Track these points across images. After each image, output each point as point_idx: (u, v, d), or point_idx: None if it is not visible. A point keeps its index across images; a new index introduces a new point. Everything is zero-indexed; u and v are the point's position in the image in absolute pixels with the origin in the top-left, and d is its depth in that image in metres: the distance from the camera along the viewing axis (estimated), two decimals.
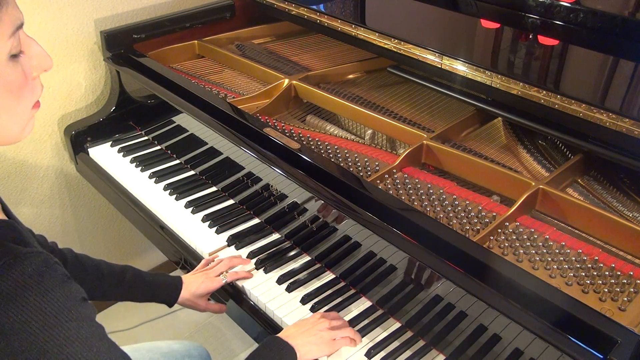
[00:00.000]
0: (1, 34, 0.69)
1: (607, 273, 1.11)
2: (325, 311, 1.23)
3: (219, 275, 1.31)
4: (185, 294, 1.29)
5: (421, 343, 1.17)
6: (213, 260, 1.36)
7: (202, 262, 1.37)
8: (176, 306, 1.36)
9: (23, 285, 0.69)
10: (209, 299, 1.35)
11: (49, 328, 0.71)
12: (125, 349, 0.87)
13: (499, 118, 1.51)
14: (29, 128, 0.80)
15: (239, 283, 1.32)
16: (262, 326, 1.28)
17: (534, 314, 0.93)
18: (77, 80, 1.89)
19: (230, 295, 1.33)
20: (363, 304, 1.26)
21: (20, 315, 0.69)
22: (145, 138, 1.84)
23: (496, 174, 1.32)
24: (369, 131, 1.57)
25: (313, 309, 1.24)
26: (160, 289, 1.29)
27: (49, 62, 0.79)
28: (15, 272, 0.70)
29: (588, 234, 1.21)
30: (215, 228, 1.47)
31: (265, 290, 1.30)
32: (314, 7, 1.78)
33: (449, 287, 1.09)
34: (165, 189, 1.62)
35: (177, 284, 1.29)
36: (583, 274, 1.11)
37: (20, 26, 0.73)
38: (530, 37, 1.54)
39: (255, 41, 2.02)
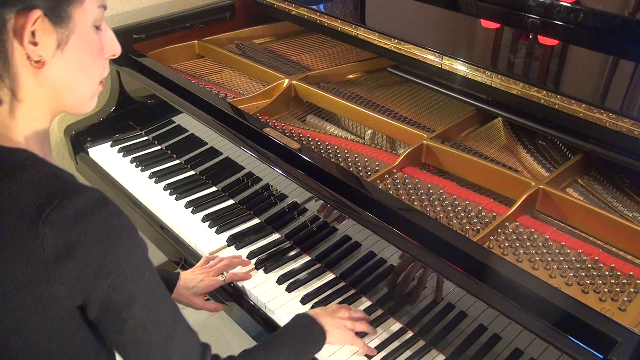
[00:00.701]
0: (92, 3, 0.82)
1: (607, 273, 1.11)
2: None
3: (218, 275, 1.31)
4: (181, 290, 1.27)
5: (421, 343, 1.17)
6: (213, 259, 1.35)
7: (202, 259, 1.36)
8: None
9: (92, 205, 0.76)
10: (208, 299, 1.35)
11: (112, 243, 0.76)
12: None
13: (499, 118, 1.51)
14: (94, 101, 0.88)
15: (239, 283, 1.32)
16: (262, 326, 1.27)
17: (534, 314, 0.93)
18: None
19: (230, 295, 1.33)
20: (363, 304, 1.26)
21: (87, 230, 0.75)
22: (145, 138, 1.84)
23: (496, 174, 1.32)
24: (369, 131, 1.57)
25: (313, 309, 1.24)
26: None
27: (119, 48, 0.89)
28: (85, 195, 0.76)
29: (588, 234, 1.21)
30: (215, 228, 1.47)
31: (265, 290, 1.30)
32: (314, 7, 1.78)
33: (449, 287, 1.09)
34: (165, 189, 1.62)
35: (172, 279, 1.27)
36: (583, 274, 1.11)
37: (104, 7, 0.86)
38: (530, 37, 1.54)
39: (255, 41, 2.02)
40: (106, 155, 1.78)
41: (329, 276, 1.33)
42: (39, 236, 0.73)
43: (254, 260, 1.37)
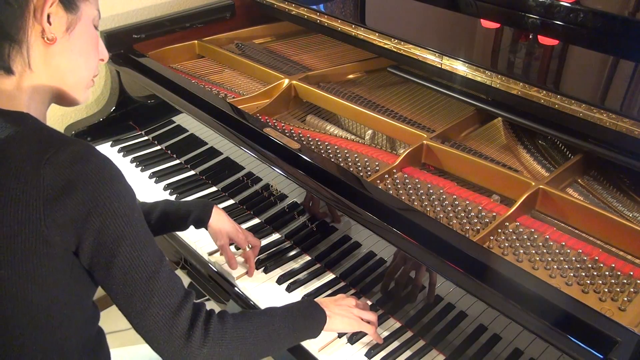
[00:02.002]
0: (93, 3, 0.94)
1: (607, 273, 1.11)
2: None
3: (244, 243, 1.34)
4: (217, 216, 1.30)
5: (421, 343, 1.17)
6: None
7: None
8: None
9: (89, 151, 0.84)
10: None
11: (105, 184, 0.83)
12: (123, 350, 0.90)
13: (499, 118, 1.51)
14: (88, 93, 0.98)
15: (239, 283, 1.32)
16: None
17: (534, 314, 0.93)
18: None
19: (230, 295, 1.33)
20: None
21: (84, 170, 0.82)
22: (145, 138, 1.84)
23: (496, 174, 1.32)
24: (369, 131, 1.57)
25: None
26: (190, 209, 1.29)
27: (107, 54, 1.00)
28: (83, 142, 0.86)
29: (588, 234, 1.21)
30: None
31: (265, 290, 1.30)
32: (314, 7, 1.78)
33: (449, 287, 1.09)
34: (165, 189, 1.62)
35: (208, 203, 1.31)
36: (583, 274, 1.11)
37: (99, 12, 0.96)
38: (530, 37, 1.54)
39: (255, 41, 2.02)
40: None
41: (329, 276, 1.33)
42: (40, 176, 0.80)
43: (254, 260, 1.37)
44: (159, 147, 1.80)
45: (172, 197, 1.58)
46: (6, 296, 0.85)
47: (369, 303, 1.26)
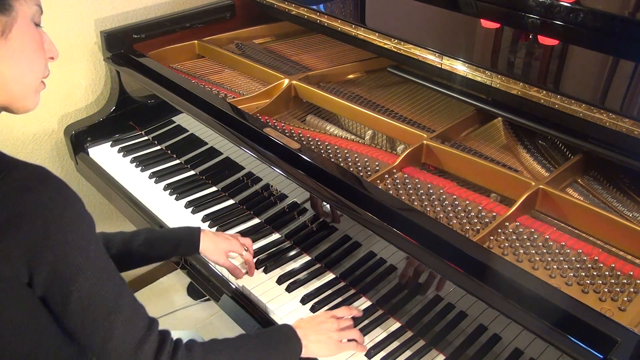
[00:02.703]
0: None
1: (607, 273, 1.11)
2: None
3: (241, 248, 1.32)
4: (206, 241, 1.26)
5: (421, 343, 1.17)
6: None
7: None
8: (175, 306, 1.35)
9: (37, 178, 0.79)
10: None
11: (56, 215, 0.78)
12: None
13: (499, 118, 1.51)
14: (37, 98, 0.90)
15: (239, 282, 1.32)
16: (263, 326, 1.27)
17: (534, 314, 0.93)
18: (77, 80, 1.89)
19: (230, 295, 1.33)
20: (363, 304, 1.26)
21: (32, 202, 0.77)
22: (145, 138, 1.84)
23: (496, 174, 1.32)
24: (369, 131, 1.57)
25: (313, 309, 1.24)
26: (177, 237, 1.26)
27: (56, 52, 0.92)
28: (31, 168, 0.80)
29: (588, 234, 1.21)
30: (215, 228, 1.47)
31: (266, 290, 1.30)
32: (314, 7, 1.78)
33: (449, 287, 1.09)
34: (165, 189, 1.62)
35: (194, 229, 1.27)
36: (583, 274, 1.11)
37: (40, 7, 0.88)
38: (530, 37, 1.54)
39: (255, 41, 2.02)
40: (106, 155, 1.78)
41: (329, 276, 1.33)
42: None
43: (254, 261, 1.37)
44: (159, 147, 1.80)
45: (172, 197, 1.58)
46: None
47: (368, 304, 1.26)
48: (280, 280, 1.31)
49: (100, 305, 0.83)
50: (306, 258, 1.38)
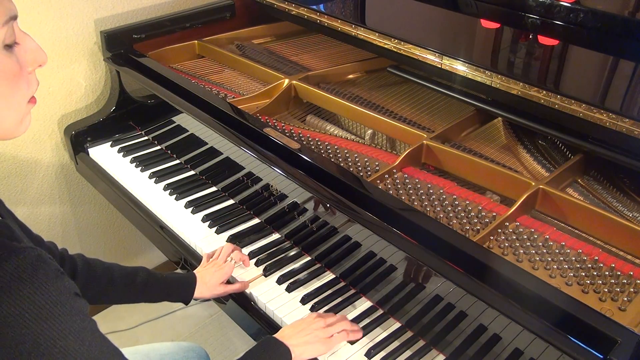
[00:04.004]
0: None
1: (607, 273, 1.11)
2: (325, 312, 1.23)
3: (227, 261, 1.32)
4: (201, 287, 1.28)
5: (421, 343, 1.17)
6: (213, 255, 1.36)
7: (204, 257, 1.37)
8: (176, 306, 1.35)
9: (17, 278, 0.70)
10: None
11: (42, 320, 0.71)
12: (123, 350, 0.87)
13: (499, 118, 1.51)
14: (26, 123, 0.80)
15: None
16: (262, 326, 1.27)
17: (534, 314, 0.93)
18: (77, 80, 1.89)
19: (230, 295, 1.33)
20: (363, 304, 1.26)
21: (14, 308, 0.69)
22: (145, 138, 1.84)
23: (496, 174, 1.32)
24: (369, 131, 1.57)
25: (313, 309, 1.24)
26: (174, 286, 1.27)
27: (44, 57, 0.79)
28: (9, 266, 0.70)
29: (588, 234, 1.21)
30: (215, 228, 1.47)
31: (265, 290, 1.30)
32: (314, 7, 1.78)
33: (449, 287, 1.09)
34: (165, 189, 1.62)
35: (191, 280, 1.28)
36: (583, 274, 1.11)
37: (14, 18, 0.74)
38: (530, 37, 1.54)
39: (255, 41, 2.02)
40: (106, 155, 1.78)
41: (329, 276, 1.33)
42: None
43: (254, 261, 1.37)
44: (159, 147, 1.80)
45: (172, 197, 1.58)
46: None
47: (368, 304, 1.26)
48: (280, 281, 1.31)
49: None
50: (306, 258, 1.38)
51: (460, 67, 1.42)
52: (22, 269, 0.70)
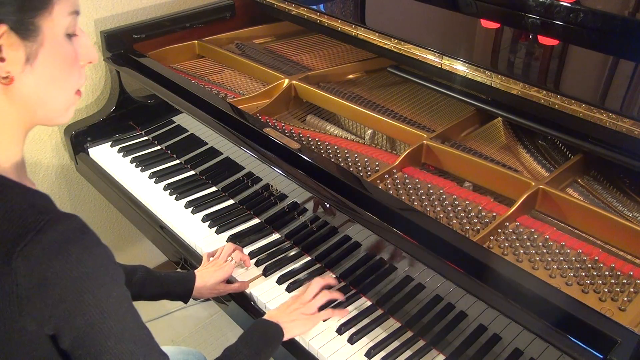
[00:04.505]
0: (62, 10, 0.77)
1: (607, 273, 1.11)
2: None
3: (228, 261, 1.33)
4: (200, 286, 1.28)
5: (421, 343, 1.17)
6: (213, 254, 1.36)
7: (205, 256, 1.37)
8: (175, 306, 1.35)
9: (67, 239, 0.73)
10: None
11: (87, 280, 0.74)
12: None
13: (499, 118, 1.51)
14: (70, 112, 0.84)
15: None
16: None
17: (534, 314, 0.93)
18: None
19: (230, 295, 1.33)
20: (363, 304, 1.26)
21: (62, 267, 0.72)
22: (145, 138, 1.84)
23: (496, 174, 1.32)
24: (369, 131, 1.57)
25: None
26: (173, 284, 1.27)
27: (95, 55, 0.85)
28: (60, 227, 0.74)
29: (588, 234, 1.21)
30: (215, 228, 1.47)
31: (265, 290, 1.30)
32: (314, 7, 1.78)
33: (449, 287, 1.09)
34: (165, 189, 1.62)
35: (190, 278, 1.28)
36: (583, 274, 1.11)
37: (77, 12, 0.81)
38: (530, 37, 1.54)
39: (255, 41, 2.02)
40: (106, 155, 1.78)
41: (329, 276, 1.33)
42: (13, 270, 0.71)
43: (254, 261, 1.37)
44: (159, 147, 1.80)
45: (172, 197, 1.58)
46: None
47: (368, 304, 1.26)
48: (280, 281, 1.31)
49: None
50: (306, 258, 1.38)
51: (460, 67, 1.42)
52: (72, 231, 0.75)
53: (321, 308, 1.21)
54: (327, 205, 1.28)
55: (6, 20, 0.71)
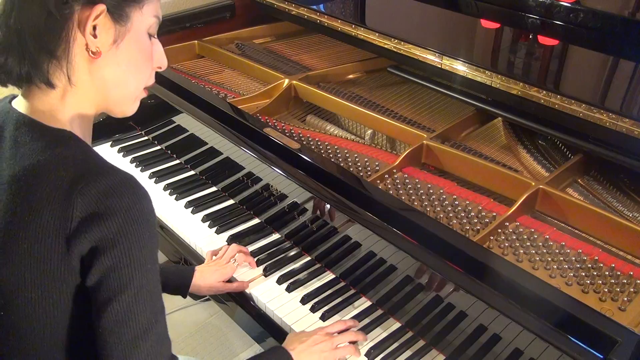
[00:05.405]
0: (150, 9, 0.88)
1: (607, 273, 1.11)
2: (326, 311, 1.23)
3: (230, 262, 1.32)
4: (200, 282, 1.28)
5: (421, 343, 1.17)
6: (216, 252, 1.36)
7: (208, 254, 1.37)
8: (175, 306, 1.34)
9: (123, 184, 0.81)
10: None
11: (130, 224, 0.80)
12: None
13: (499, 118, 1.51)
14: (136, 104, 0.94)
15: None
16: (262, 326, 1.27)
17: (534, 314, 0.93)
18: None
19: (231, 296, 1.33)
20: (363, 304, 1.26)
21: (115, 205, 0.79)
22: (145, 138, 1.84)
23: (496, 174, 1.32)
24: (369, 131, 1.57)
25: (313, 309, 1.24)
26: (170, 277, 1.27)
27: (165, 62, 0.96)
28: (119, 175, 0.82)
29: (588, 234, 1.21)
30: (215, 228, 1.47)
31: (265, 290, 1.30)
32: (314, 7, 1.78)
33: (449, 287, 1.09)
34: (165, 189, 1.62)
35: (189, 273, 1.28)
36: (583, 274, 1.11)
37: (159, 19, 0.91)
38: (530, 37, 1.54)
39: (255, 41, 2.02)
40: (106, 155, 1.76)
41: (329, 276, 1.33)
42: (71, 205, 0.79)
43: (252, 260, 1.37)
44: (159, 147, 1.80)
45: (172, 197, 1.58)
46: (36, 319, 0.84)
47: (368, 304, 1.26)
48: (280, 281, 1.31)
49: (132, 325, 0.83)
50: (306, 258, 1.38)
51: (460, 67, 1.42)
52: (128, 180, 0.82)
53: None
54: (327, 206, 1.28)
55: (106, 2, 0.82)
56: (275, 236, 1.45)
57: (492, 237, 1.19)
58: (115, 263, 0.80)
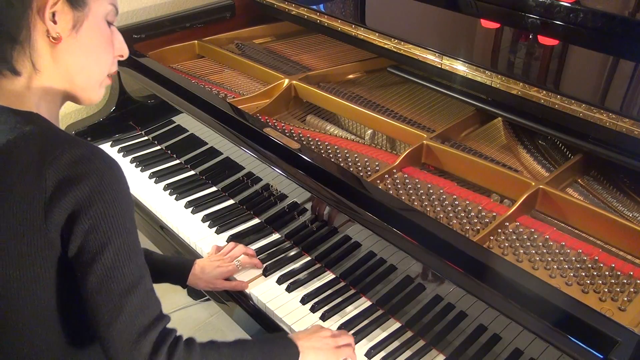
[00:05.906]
0: None
1: (607, 273, 1.11)
2: (326, 311, 1.23)
3: (233, 261, 1.32)
4: (200, 275, 1.28)
5: (421, 343, 1.17)
6: (222, 249, 1.35)
7: (213, 247, 1.37)
8: (175, 306, 1.34)
9: (93, 154, 0.85)
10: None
11: (103, 186, 0.83)
12: None
13: (499, 118, 1.51)
14: (102, 91, 0.97)
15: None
16: (262, 326, 1.27)
17: (534, 314, 0.93)
18: None
19: (230, 295, 1.33)
20: (363, 304, 1.26)
21: (87, 168, 0.83)
22: (145, 138, 1.84)
23: (496, 174, 1.32)
24: (369, 131, 1.57)
25: (313, 309, 1.24)
26: (169, 267, 1.27)
27: (126, 50, 0.98)
28: (89, 146, 0.86)
29: (588, 234, 1.21)
30: (215, 228, 1.47)
31: (265, 290, 1.30)
32: (314, 7, 1.78)
33: (449, 287, 1.09)
34: (165, 189, 1.62)
35: (187, 265, 1.28)
36: (583, 274, 1.11)
37: (116, 8, 0.93)
38: (530, 37, 1.54)
39: (255, 41, 2.02)
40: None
41: (329, 276, 1.33)
42: (43, 177, 0.81)
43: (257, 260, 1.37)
44: (159, 147, 1.80)
45: (172, 197, 1.58)
46: (17, 297, 0.85)
47: (368, 304, 1.26)
48: (280, 281, 1.31)
49: (118, 282, 0.84)
50: (306, 258, 1.38)
51: (460, 67, 1.42)
52: (97, 150, 0.87)
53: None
54: (327, 206, 1.29)
55: None
56: (275, 236, 1.45)
57: (492, 237, 1.19)
58: (93, 224, 0.82)
